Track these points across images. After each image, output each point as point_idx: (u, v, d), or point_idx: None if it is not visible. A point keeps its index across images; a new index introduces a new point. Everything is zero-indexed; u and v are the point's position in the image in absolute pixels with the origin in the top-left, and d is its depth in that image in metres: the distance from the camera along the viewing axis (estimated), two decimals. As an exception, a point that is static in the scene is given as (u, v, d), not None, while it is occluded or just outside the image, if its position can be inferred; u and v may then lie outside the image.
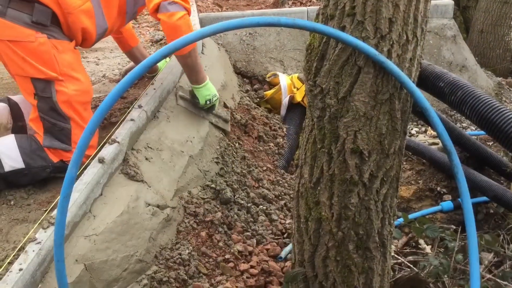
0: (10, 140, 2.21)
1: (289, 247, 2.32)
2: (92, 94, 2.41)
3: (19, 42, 2.10)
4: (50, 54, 2.13)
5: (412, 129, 3.87)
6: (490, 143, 2.91)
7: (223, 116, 2.94)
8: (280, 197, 2.78)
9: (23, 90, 2.24)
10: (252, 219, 2.51)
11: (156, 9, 2.32)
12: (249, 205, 2.56)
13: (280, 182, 2.92)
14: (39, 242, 1.71)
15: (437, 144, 3.03)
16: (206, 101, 2.67)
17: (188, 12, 2.38)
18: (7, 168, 2.16)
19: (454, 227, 2.23)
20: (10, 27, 2.07)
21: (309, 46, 1.40)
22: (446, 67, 4.33)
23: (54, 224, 1.62)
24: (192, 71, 2.56)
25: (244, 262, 2.25)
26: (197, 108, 2.78)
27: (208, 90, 2.65)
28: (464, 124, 4.14)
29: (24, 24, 2.09)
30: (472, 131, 3.75)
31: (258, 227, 2.47)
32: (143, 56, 3.06)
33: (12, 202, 2.18)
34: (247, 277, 2.17)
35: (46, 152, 2.22)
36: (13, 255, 1.80)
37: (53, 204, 2.05)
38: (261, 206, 2.61)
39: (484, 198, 2.39)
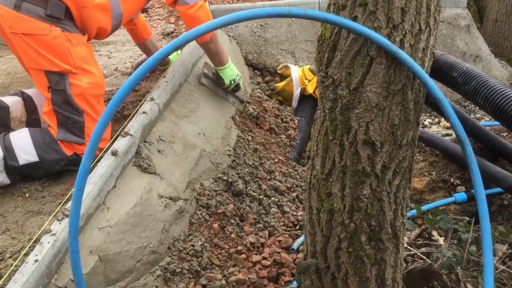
0: (24, 134, 2.24)
1: (301, 239, 2.32)
2: (105, 87, 2.42)
3: (34, 35, 2.11)
4: (64, 47, 2.15)
5: (425, 120, 3.83)
6: (504, 134, 2.88)
7: (239, 97, 3.10)
8: (292, 189, 2.78)
9: (37, 84, 2.26)
10: (264, 211, 2.52)
11: (175, 1, 2.44)
12: (261, 197, 2.57)
13: (292, 174, 2.92)
14: (54, 234, 1.74)
15: (450, 135, 3.01)
16: (230, 81, 2.82)
17: (205, 1, 2.48)
18: (21, 161, 2.19)
19: (468, 219, 2.21)
20: (25, 20, 2.09)
21: (321, 37, 1.39)
22: (459, 57, 4.28)
23: (69, 216, 1.64)
24: (215, 54, 2.71)
25: (256, 254, 2.26)
26: (218, 87, 2.94)
27: (232, 71, 2.81)
28: (478, 115, 4.09)
29: (38, 17, 2.10)
30: (486, 122, 3.71)
31: (270, 219, 2.48)
32: (156, 48, 3.07)
33: (27, 195, 2.21)
34: (259, 269, 2.18)
35: (60, 146, 2.24)
36: (29, 247, 1.83)
37: (67, 196, 2.07)
38: (273, 198, 2.61)
39: (498, 189, 2.36)
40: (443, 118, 3.70)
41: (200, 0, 2.46)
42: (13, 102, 2.42)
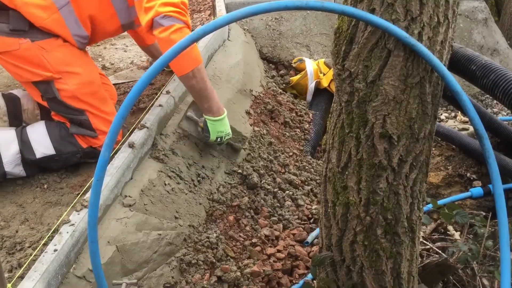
0: (40, 128, 2.27)
1: (315, 232, 2.33)
2: (99, 82, 2.34)
3: (7, 52, 2.11)
4: (39, 56, 2.13)
5: (441, 114, 3.80)
6: (523, 129, 2.84)
7: (235, 146, 2.57)
8: (306, 183, 2.78)
9: (32, 95, 2.30)
10: (278, 204, 2.52)
11: (150, 27, 2.12)
12: (275, 190, 2.58)
13: (306, 167, 2.92)
14: (72, 224, 1.77)
15: (466, 129, 2.98)
16: (216, 138, 2.33)
17: (187, 26, 2.12)
18: (38, 155, 2.22)
19: (484, 213, 2.20)
20: None
21: (338, 29, 1.38)
22: (477, 51, 4.22)
23: (88, 207, 1.67)
24: (202, 97, 2.23)
25: (271, 246, 2.28)
26: (201, 136, 2.42)
27: (223, 126, 2.32)
28: (495, 109, 4.05)
29: (4, 34, 2.09)
30: (503, 116, 3.66)
31: (285, 212, 2.49)
32: (159, 53, 2.95)
33: (45, 186, 2.25)
34: (273, 261, 2.19)
35: (76, 138, 2.27)
36: (48, 237, 1.87)
37: (85, 187, 2.10)
38: (288, 191, 2.61)
39: (516, 185, 2.34)
40: (459, 113, 3.67)
41: (180, 23, 2.09)
42: (24, 94, 2.44)
